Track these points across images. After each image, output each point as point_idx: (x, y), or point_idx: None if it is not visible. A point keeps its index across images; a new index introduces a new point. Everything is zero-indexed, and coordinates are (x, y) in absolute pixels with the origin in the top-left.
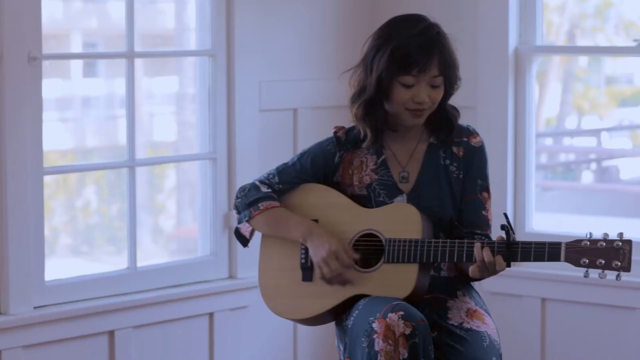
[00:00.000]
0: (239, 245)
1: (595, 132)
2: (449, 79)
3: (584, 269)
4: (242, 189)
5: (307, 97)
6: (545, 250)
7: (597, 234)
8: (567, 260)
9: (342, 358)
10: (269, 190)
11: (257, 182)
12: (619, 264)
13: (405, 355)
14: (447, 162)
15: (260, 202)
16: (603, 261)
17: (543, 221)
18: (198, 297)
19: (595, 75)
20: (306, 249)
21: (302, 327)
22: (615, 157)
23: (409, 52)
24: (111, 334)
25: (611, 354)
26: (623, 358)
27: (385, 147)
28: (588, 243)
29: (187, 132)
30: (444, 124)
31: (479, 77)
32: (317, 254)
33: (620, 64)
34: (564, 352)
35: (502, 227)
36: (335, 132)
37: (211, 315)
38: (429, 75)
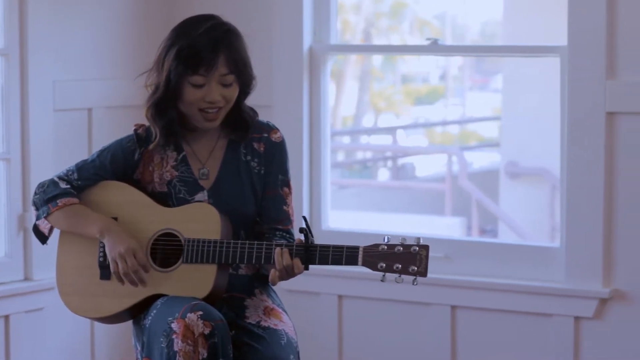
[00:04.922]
0: (34, 246)
1: (391, 130)
2: (242, 77)
3: (381, 274)
4: (41, 185)
5: (101, 97)
6: (343, 255)
7: (395, 238)
8: (364, 264)
9: (139, 357)
10: (68, 186)
11: (55, 178)
12: (416, 269)
13: (205, 355)
14: (248, 157)
15: (59, 198)
16: (400, 266)
17: (339, 219)
18: None
19: (391, 74)
20: (105, 247)
21: (99, 327)
22: (411, 155)
23: (195, 51)
24: None
25: (406, 349)
26: (418, 352)
27: (185, 144)
28: (385, 247)
29: None
30: (239, 125)
31: (274, 75)
32: (113, 249)
33: (415, 62)
34: (361, 348)
35: (301, 230)
36: (135, 130)
37: (7, 317)
38: (217, 73)
